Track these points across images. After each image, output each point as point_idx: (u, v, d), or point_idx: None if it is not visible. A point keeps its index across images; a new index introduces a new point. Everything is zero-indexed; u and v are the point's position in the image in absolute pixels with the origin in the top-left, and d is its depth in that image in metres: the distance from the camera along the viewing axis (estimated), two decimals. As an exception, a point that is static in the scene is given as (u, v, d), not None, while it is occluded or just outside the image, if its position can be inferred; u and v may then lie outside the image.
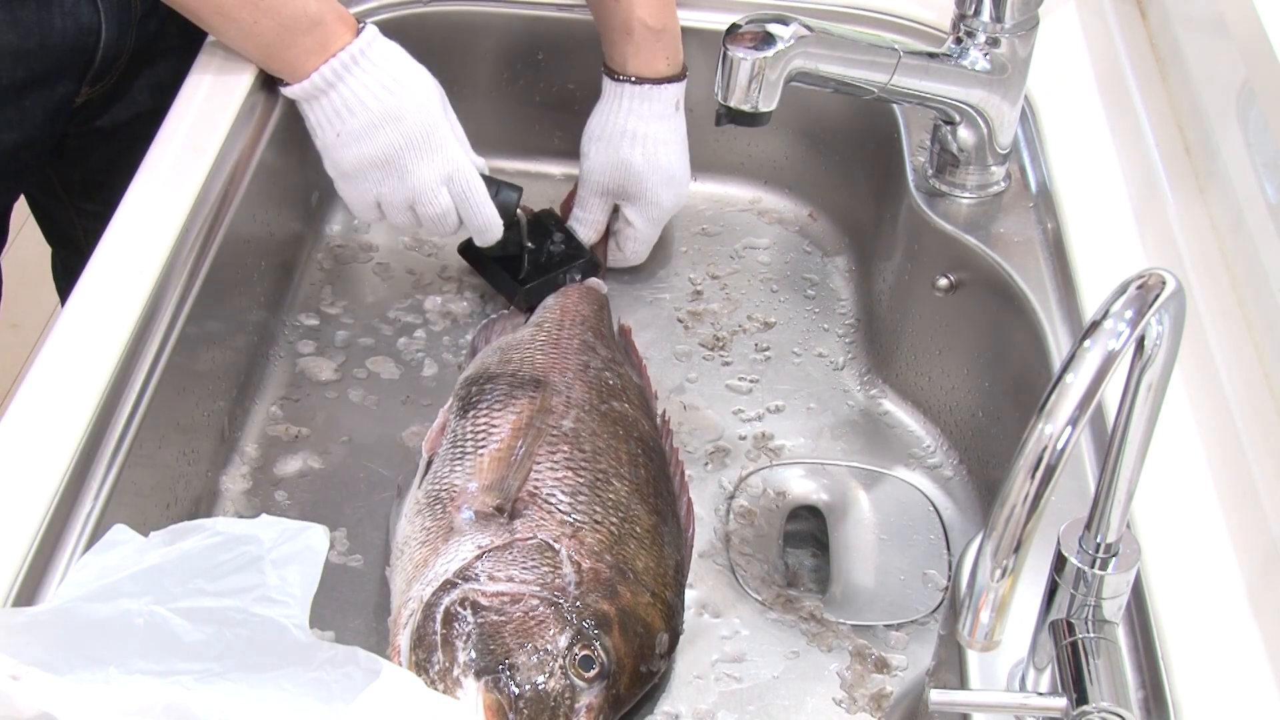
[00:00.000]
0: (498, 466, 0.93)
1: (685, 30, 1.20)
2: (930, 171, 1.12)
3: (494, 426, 0.97)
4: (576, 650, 0.82)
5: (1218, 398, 0.90)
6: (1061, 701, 0.69)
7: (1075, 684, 0.68)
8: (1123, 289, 0.61)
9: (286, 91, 1.07)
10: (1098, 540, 0.69)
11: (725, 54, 0.96)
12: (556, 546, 0.88)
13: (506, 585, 0.85)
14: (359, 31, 1.06)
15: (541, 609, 0.84)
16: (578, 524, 0.90)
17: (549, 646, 0.82)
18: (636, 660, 0.85)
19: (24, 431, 0.86)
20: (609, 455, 0.96)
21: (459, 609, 0.83)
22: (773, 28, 0.96)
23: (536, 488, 0.92)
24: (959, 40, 1.03)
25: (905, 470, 1.09)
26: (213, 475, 1.03)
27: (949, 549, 1.02)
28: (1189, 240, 1.01)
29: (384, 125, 1.06)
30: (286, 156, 1.17)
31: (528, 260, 1.17)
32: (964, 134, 1.07)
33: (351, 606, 0.96)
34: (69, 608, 0.77)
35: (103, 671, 0.74)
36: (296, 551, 0.81)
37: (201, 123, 1.10)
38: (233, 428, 1.07)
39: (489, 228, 1.11)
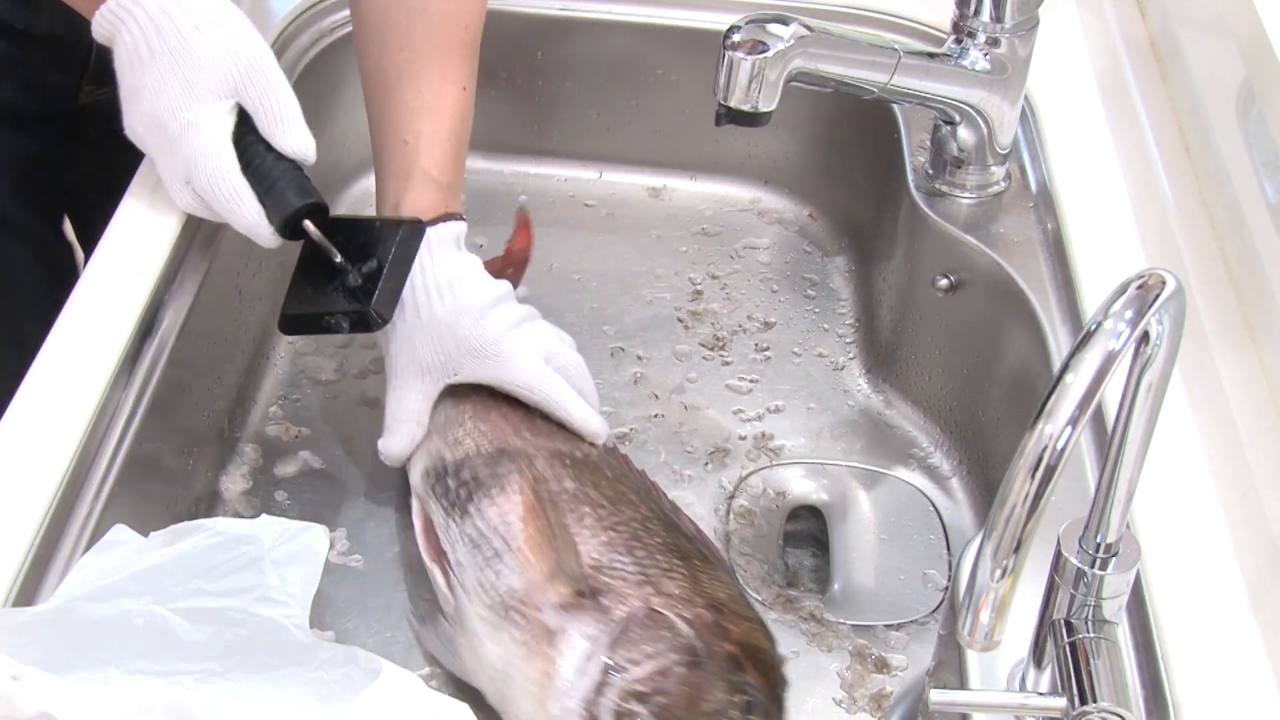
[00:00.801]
0: (544, 552, 0.88)
1: (685, 30, 1.21)
2: (930, 171, 1.12)
3: (507, 515, 0.91)
4: (736, 699, 0.82)
5: (1218, 398, 0.90)
6: (1061, 701, 0.69)
7: (1075, 684, 0.68)
8: (1123, 289, 0.61)
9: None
10: (1098, 540, 0.69)
11: (725, 54, 0.96)
12: (658, 608, 0.85)
13: (651, 664, 0.83)
14: None
15: (690, 673, 0.82)
16: (653, 578, 0.88)
17: (717, 706, 0.81)
18: (774, 685, 0.85)
19: (24, 432, 0.86)
20: (622, 501, 0.93)
21: (627, 705, 0.81)
22: (772, 28, 0.96)
23: (594, 559, 0.89)
24: (959, 40, 1.03)
25: (905, 470, 1.09)
26: (213, 475, 1.03)
27: (949, 549, 1.02)
28: (1189, 240, 1.01)
29: (128, 102, 0.91)
30: (286, 156, 1.17)
31: (324, 280, 0.95)
32: (964, 134, 1.07)
33: (351, 606, 0.96)
34: (69, 608, 0.77)
35: (103, 671, 0.75)
36: (296, 551, 0.82)
37: (201, 123, 1.10)
38: (233, 428, 1.07)
39: (254, 232, 0.92)
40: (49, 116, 1.19)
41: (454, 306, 0.96)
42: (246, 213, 0.90)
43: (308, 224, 0.92)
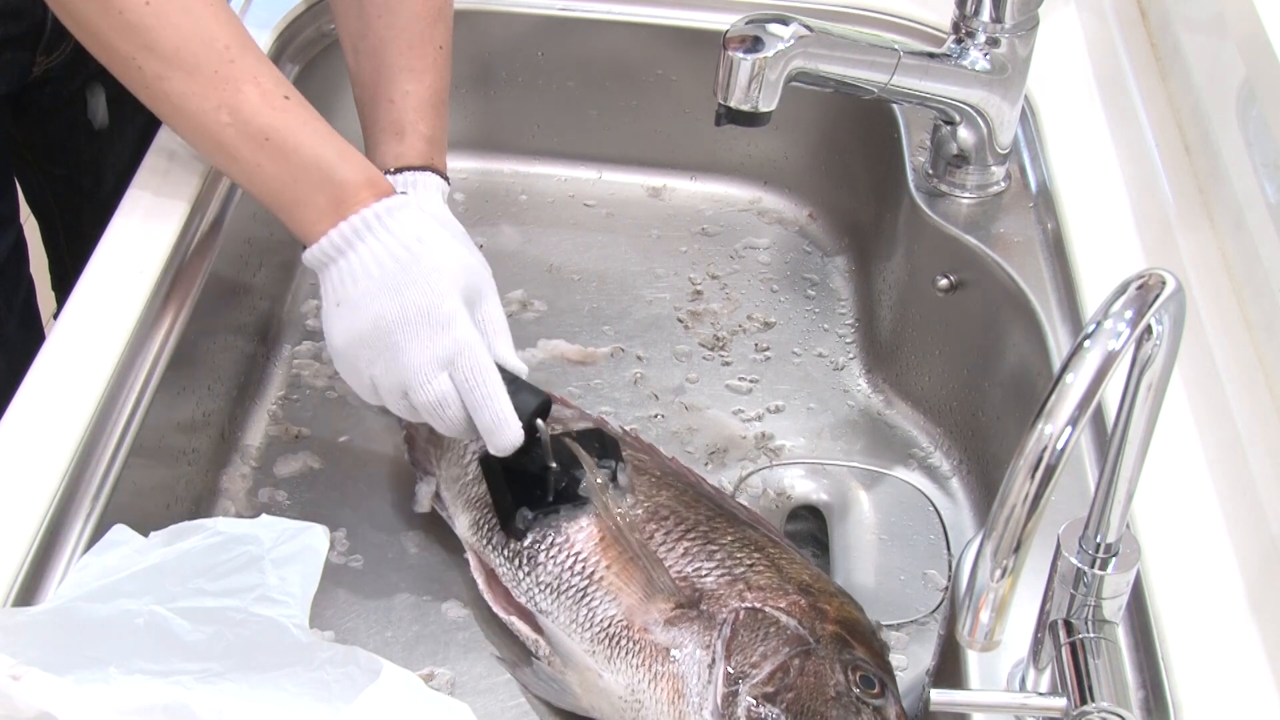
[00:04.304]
0: (633, 574, 0.89)
1: (685, 30, 1.20)
2: (930, 171, 1.12)
3: (581, 554, 0.91)
4: (854, 676, 0.83)
5: (1218, 398, 0.90)
6: (1061, 701, 0.69)
7: (1075, 684, 0.68)
8: (1123, 289, 0.61)
9: (304, 257, 0.94)
10: (1098, 540, 0.69)
11: (725, 54, 0.96)
12: (757, 605, 0.86)
13: (770, 663, 0.84)
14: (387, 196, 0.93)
15: (807, 663, 0.83)
16: (741, 576, 0.89)
17: (839, 690, 0.82)
18: (880, 655, 0.86)
19: (24, 431, 0.86)
20: (681, 505, 0.94)
21: (760, 708, 0.82)
22: (772, 28, 0.96)
23: (679, 572, 0.89)
24: (959, 40, 1.03)
25: (905, 470, 1.09)
26: (213, 475, 1.03)
27: (949, 549, 1.02)
28: (1189, 240, 1.01)
29: (380, 294, 0.90)
30: (286, 156, 1.17)
31: (543, 485, 0.95)
32: (964, 134, 1.07)
33: (351, 606, 0.96)
34: (69, 608, 0.77)
35: (103, 671, 0.75)
36: (296, 551, 0.81)
37: (201, 123, 1.10)
38: (233, 428, 1.07)
39: (501, 426, 0.90)
40: (2, 97, 1.18)
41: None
42: (503, 404, 0.90)
43: (539, 423, 0.93)
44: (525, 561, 0.92)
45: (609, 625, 0.87)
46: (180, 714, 0.72)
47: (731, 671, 0.83)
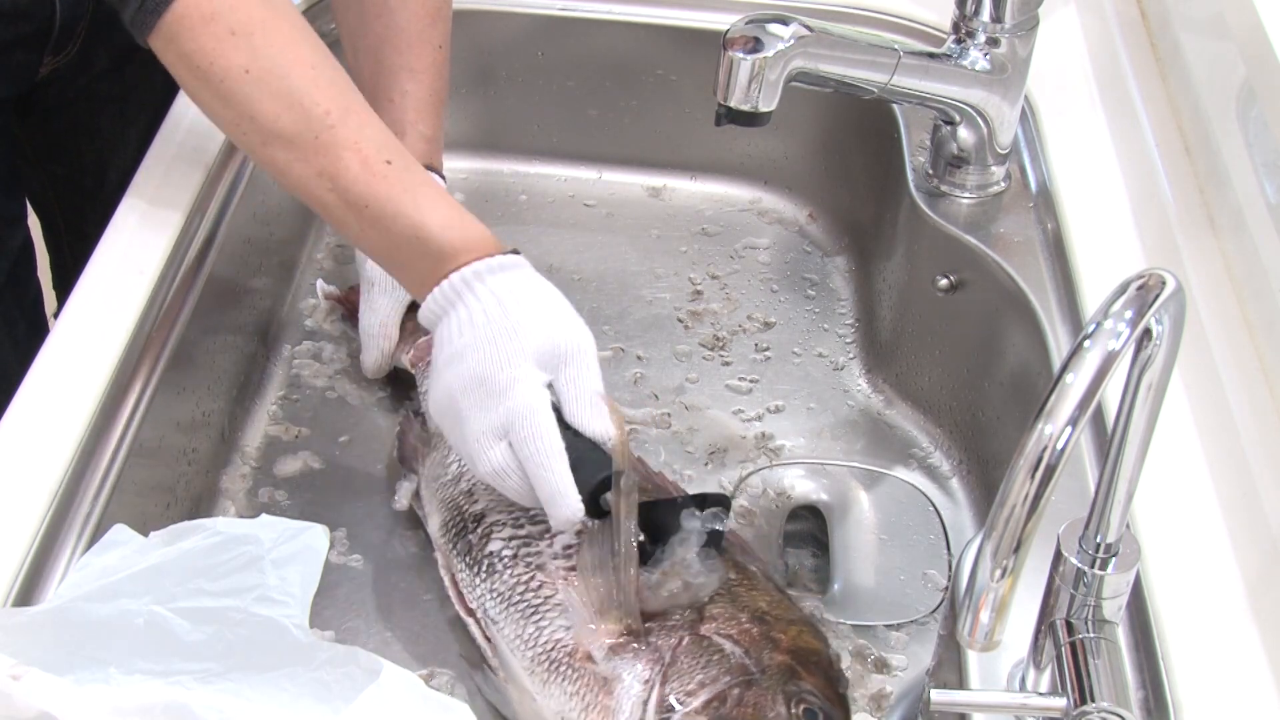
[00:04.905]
0: (591, 589, 0.86)
1: (685, 30, 1.20)
2: (930, 171, 1.12)
3: (539, 564, 0.90)
4: (796, 710, 0.81)
5: (1218, 398, 0.90)
6: (1061, 701, 0.69)
7: (1075, 684, 0.68)
8: (1123, 289, 0.61)
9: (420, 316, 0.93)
10: (1098, 540, 0.69)
11: (725, 54, 0.96)
12: (705, 634, 0.84)
13: (707, 691, 0.81)
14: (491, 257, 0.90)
15: (746, 693, 0.81)
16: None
17: None
18: (833, 683, 0.84)
19: (24, 431, 0.87)
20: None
21: None
22: (772, 28, 0.96)
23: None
24: (959, 40, 1.04)
25: (905, 470, 1.09)
26: (213, 475, 1.03)
27: (949, 549, 1.02)
28: (1189, 240, 1.01)
29: (450, 364, 0.89)
30: (286, 156, 1.16)
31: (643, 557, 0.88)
32: (964, 134, 1.07)
33: (351, 606, 0.96)
34: (69, 608, 0.77)
35: (103, 671, 0.75)
36: (296, 551, 0.82)
37: (202, 121, 1.10)
38: (233, 428, 1.07)
39: (557, 499, 0.85)
40: (6, 99, 1.17)
41: None
42: (560, 474, 0.85)
43: (607, 498, 0.86)
44: (486, 569, 0.91)
45: (551, 648, 0.85)
46: (180, 714, 0.72)
47: (665, 699, 0.81)
